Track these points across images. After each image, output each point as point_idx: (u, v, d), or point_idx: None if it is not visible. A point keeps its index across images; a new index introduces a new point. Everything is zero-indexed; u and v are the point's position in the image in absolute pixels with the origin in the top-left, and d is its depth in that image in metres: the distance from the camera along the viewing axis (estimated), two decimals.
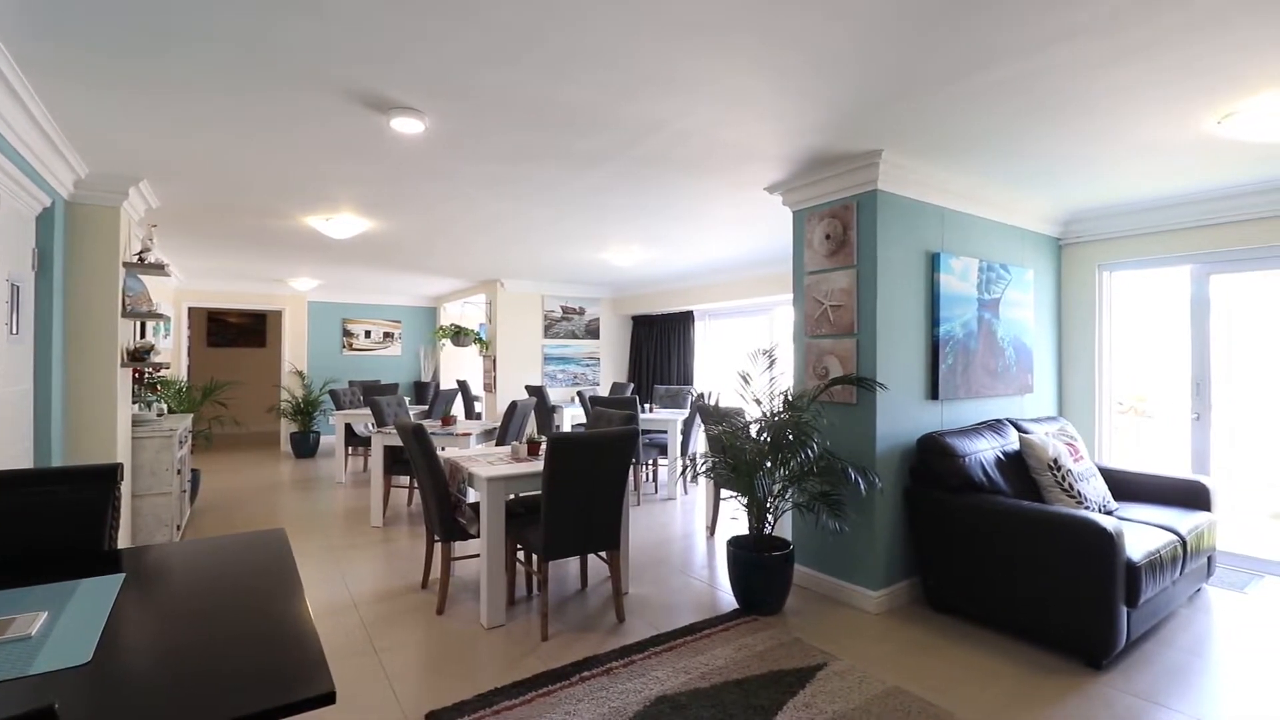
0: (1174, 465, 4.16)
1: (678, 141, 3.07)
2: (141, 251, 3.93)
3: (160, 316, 4.03)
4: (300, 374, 8.92)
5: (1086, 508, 3.22)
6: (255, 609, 1.42)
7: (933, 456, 3.26)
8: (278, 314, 9.25)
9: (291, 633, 1.28)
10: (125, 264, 3.73)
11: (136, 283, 3.95)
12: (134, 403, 4.29)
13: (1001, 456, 3.42)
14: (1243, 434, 4.06)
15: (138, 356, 3.90)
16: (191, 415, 5.52)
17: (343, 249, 5.95)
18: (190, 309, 8.52)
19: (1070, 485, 3.27)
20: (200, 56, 2.22)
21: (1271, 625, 3.10)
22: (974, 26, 2.01)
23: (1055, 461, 3.31)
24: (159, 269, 3.98)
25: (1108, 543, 2.63)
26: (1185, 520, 3.24)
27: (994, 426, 3.62)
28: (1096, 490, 3.39)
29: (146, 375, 5.03)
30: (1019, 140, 3.01)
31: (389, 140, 3.03)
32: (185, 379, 7.82)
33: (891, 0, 1.87)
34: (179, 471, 4.35)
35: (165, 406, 4.94)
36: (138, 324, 4.70)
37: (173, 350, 7.87)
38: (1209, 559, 3.40)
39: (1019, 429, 3.70)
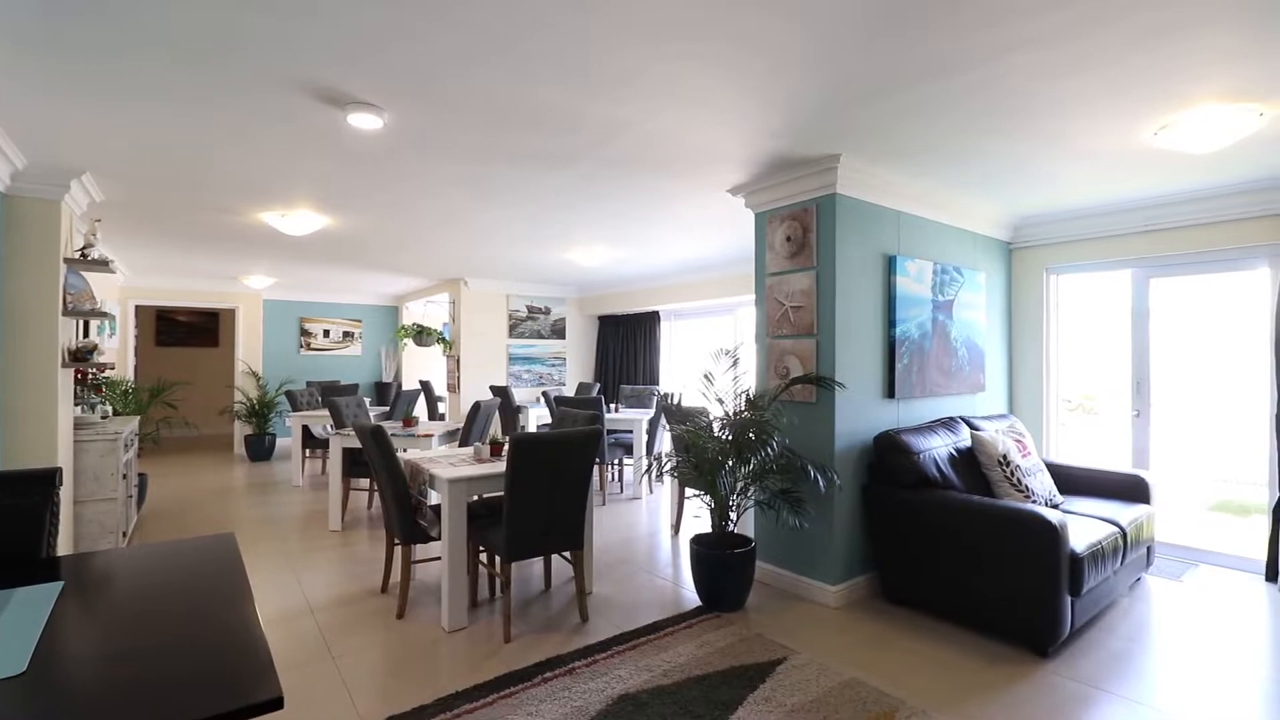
0: (1117, 460, 4.35)
1: (644, 143, 3.08)
2: (84, 247, 3.77)
3: (104, 315, 3.87)
4: (255, 374, 8.66)
5: (1034, 501, 3.35)
6: (200, 614, 1.38)
7: (889, 453, 3.34)
8: (231, 312, 8.96)
9: (238, 638, 1.25)
10: (66, 260, 3.58)
11: (79, 279, 3.79)
12: (76, 405, 4.11)
13: (954, 453, 3.53)
14: (1180, 430, 4.27)
15: (80, 356, 3.74)
16: (138, 417, 5.31)
17: (300, 246, 5.81)
18: (137, 307, 8.21)
19: (1019, 480, 3.40)
20: (150, 49, 2.14)
21: (1206, 612, 3.27)
22: (925, 36, 2.07)
23: (1005, 457, 3.43)
24: (103, 265, 3.82)
25: (1052, 534, 2.73)
26: (1126, 513, 3.39)
27: (947, 424, 3.73)
28: (1043, 484, 3.53)
29: (90, 376, 4.83)
30: (970, 146, 3.11)
31: (348, 137, 2.97)
32: (132, 379, 7.52)
33: (847, 7, 1.92)
34: (125, 476, 4.19)
35: (110, 408, 4.75)
36: (80, 322, 4.50)
37: (119, 350, 7.57)
38: (1148, 549, 3.57)
39: (971, 426, 3.82)
